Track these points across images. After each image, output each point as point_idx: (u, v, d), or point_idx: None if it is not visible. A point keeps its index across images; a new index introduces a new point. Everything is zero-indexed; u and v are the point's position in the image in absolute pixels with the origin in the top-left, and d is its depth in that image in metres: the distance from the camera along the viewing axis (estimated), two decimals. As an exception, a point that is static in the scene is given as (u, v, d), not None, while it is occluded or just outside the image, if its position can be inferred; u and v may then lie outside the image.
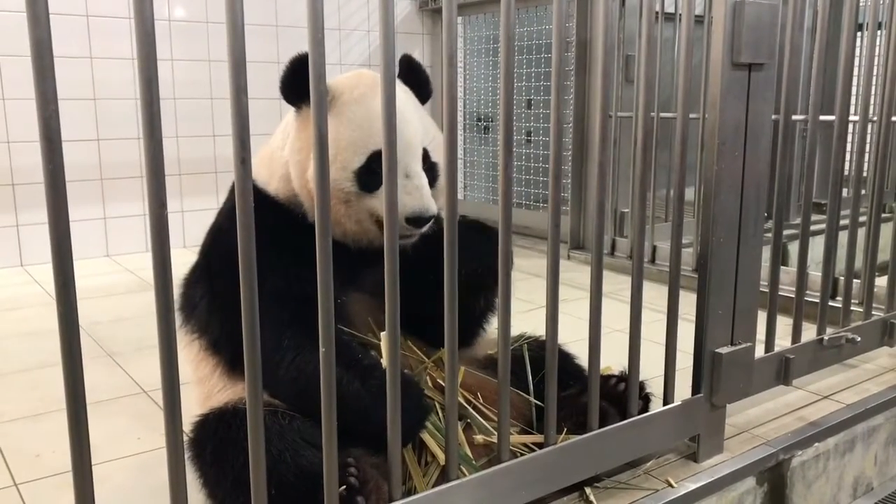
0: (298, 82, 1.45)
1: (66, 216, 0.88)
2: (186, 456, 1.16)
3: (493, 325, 1.68)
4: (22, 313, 2.93)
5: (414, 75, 1.61)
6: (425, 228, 1.47)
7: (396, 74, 1.61)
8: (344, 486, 1.21)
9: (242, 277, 1.01)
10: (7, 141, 3.59)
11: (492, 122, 4.80)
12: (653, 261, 3.51)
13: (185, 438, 1.13)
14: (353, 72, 1.58)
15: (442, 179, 1.57)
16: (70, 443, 0.94)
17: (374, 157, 1.44)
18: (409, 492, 1.32)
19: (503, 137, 1.27)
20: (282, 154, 1.54)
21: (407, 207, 1.42)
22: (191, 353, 1.62)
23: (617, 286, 2.63)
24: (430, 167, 1.53)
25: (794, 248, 3.33)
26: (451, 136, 1.21)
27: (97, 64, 3.76)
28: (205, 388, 1.58)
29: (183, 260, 1.44)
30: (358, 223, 1.50)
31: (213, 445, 1.38)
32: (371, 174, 1.45)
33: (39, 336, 2.62)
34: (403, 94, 1.54)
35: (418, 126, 1.51)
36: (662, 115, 3.42)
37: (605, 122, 1.42)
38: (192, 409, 1.52)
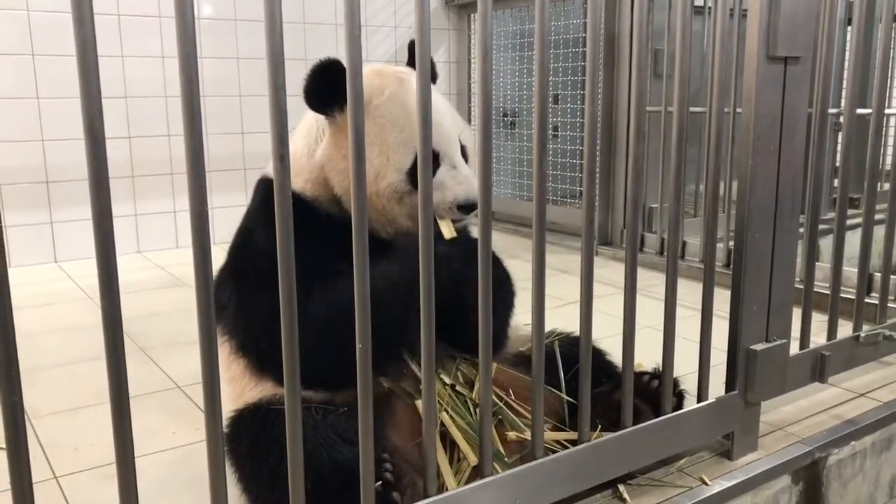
0: (326, 90, 1.45)
1: (109, 212, 0.89)
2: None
3: (524, 322, 1.68)
4: (56, 309, 2.98)
5: None
6: (471, 215, 1.50)
7: (407, 63, 1.63)
8: (380, 482, 1.22)
9: (281, 273, 1.02)
10: (41, 139, 3.64)
11: (517, 116, 4.77)
12: (682, 256, 3.48)
13: (223, 433, 1.14)
14: (369, 69, 1.55)
15: (470, 163, 1.60)
16: (114, 437, 0.95)
17: None
18: (442, 488, 1.32)
19: (537, 133, 1.26)
20: (311, 161, 1.54)
21: (459, 196, 1.47)
22: (222, 354, 1.63)
23: (644, 282, 2.57)
24: (463, 155, 1.56)
25: (824, 244, 3.27)
26: (486, 130, 1.20)
27: (128, 63, 3.80)
28: (237, 386, 1.59)
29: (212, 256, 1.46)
30: (412, 219, 1.49)
31: (248, 440, 1.39)
32: None
33: (74, 331, 2.67)
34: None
35: (454, 117, 1.56)
36: (691, 109, 3.38)
37: (640, 117, 1.41)
38: (225, 406, 1.53)
